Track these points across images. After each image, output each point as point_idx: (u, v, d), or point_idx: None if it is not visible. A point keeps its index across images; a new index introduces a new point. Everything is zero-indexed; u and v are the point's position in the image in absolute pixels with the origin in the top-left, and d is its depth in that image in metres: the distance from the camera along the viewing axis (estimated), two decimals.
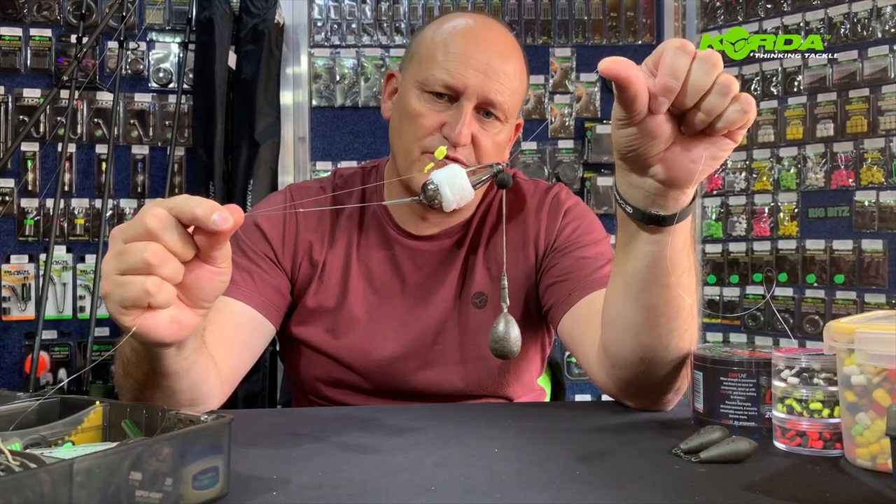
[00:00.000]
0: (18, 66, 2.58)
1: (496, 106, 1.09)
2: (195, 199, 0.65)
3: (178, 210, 0.65)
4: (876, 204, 2.35)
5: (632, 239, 0.83)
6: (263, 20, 2.57)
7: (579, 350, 1.07)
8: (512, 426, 0.90)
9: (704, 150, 0.73)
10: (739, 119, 0.70)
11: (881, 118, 2.34)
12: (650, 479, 0.70)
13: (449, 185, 0.76)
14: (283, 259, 1.16)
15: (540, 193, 1.23)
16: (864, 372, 0.72)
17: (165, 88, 2.66)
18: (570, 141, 2.77)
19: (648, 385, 0.94)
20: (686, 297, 0.85)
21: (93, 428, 0.67)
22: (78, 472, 0.51)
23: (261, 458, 0.76)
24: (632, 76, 0.67)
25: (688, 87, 0.69)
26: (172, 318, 0.68)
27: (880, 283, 2.33)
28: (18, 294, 2.55)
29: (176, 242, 0.65)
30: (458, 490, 0.66)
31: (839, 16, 2.42)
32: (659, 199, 0.78)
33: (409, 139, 1.10)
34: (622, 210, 0.81)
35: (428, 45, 1.12)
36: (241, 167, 2.54)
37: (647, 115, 0.70)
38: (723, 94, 0.69)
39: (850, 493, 0.66)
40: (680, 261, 0.82)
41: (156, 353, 0.75)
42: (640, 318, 0.87)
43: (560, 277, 1.13)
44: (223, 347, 1.01)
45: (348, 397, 1.17)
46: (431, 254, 1.18)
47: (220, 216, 0.64)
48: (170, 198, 0.66)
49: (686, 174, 0.74)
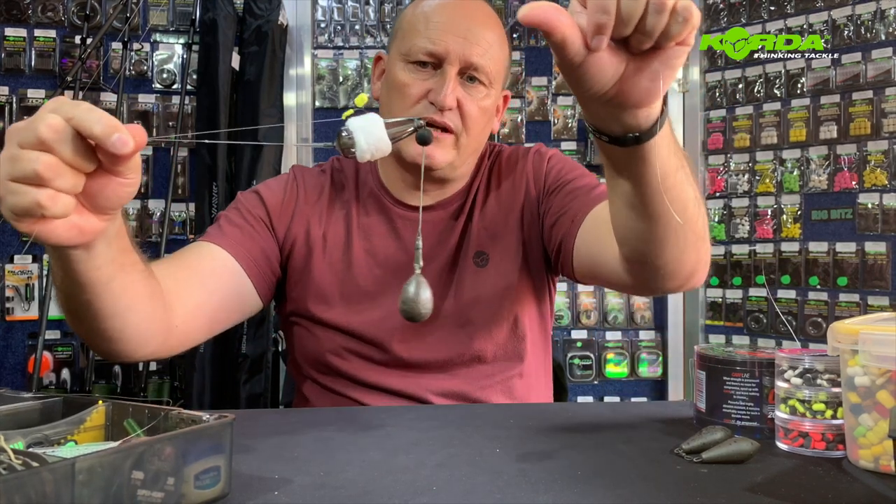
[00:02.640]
0: (23, 67, 2.58)
1: (479, 69, 1.13)
2: (96, 113, 0.62)
3: (77, 122, 0.62)
4: (879, 206, 2.34)
5: (619, 163, 0.80)
6: (267, 21, 2.57)
7: (600, 263, 1.05)
8: (514, 427, 0.90)
9: (659, 65, 0.68)
10: (683, 30, 0.66)
11: (885, 120, 2.33)
12: (652, 479, 0.70)
13: (364, 133, 0.73)
14: (277, 226, 1.19)
15: (521, 153, 1.28)
16: (867, 373, 0.72)
17: (169, 89, 2.67)
18: (573, 143, 2.77)
19: (674, 268, 0.91)
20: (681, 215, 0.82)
21: (95, 427, 0.67)
22: (80, 472, 0.51)
23: (263, 457, 0.76)
24: (554, 21, 0.63)
25: (622, 17, 0.64)
26: (72, 224, 0.67)
27: (883, 286, 2.33)
28: (22, 294, 2.55)
29: (72, 156, 0.62)
30: (461, 490, 0.66)
31: (843, 18, 2.42)
32: (630, 121, 0.74)
33: (398, 110, 1.13)
34: (600, 141, 0.78)
35: (410, 20, 1.17)
36: (244, 168, 2.54)
37: (587, 54, 0.66)
38: (659, 11, 0.64)
39: (853, 495, 0.66)
40: (671, 163, 0.80)
41: (63, 253, 0.73)
42: (649, 226, 0.85)
43: (560, 212, 1.15)
44: (193, 287, 1.02)
45: (360, 369, 1.17)
46: (432, 223, 1.21)
47: (119, 138, 0.61)
48: (73, 102, 0.63)
49: (647, 93, 0.70)
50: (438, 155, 1.13)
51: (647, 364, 2.76)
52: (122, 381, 2.57)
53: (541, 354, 1.28)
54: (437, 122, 1.11)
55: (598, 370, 2.74)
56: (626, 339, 2.76)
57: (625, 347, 2.76)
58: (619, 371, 2.75)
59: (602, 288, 2.73)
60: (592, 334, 2.76)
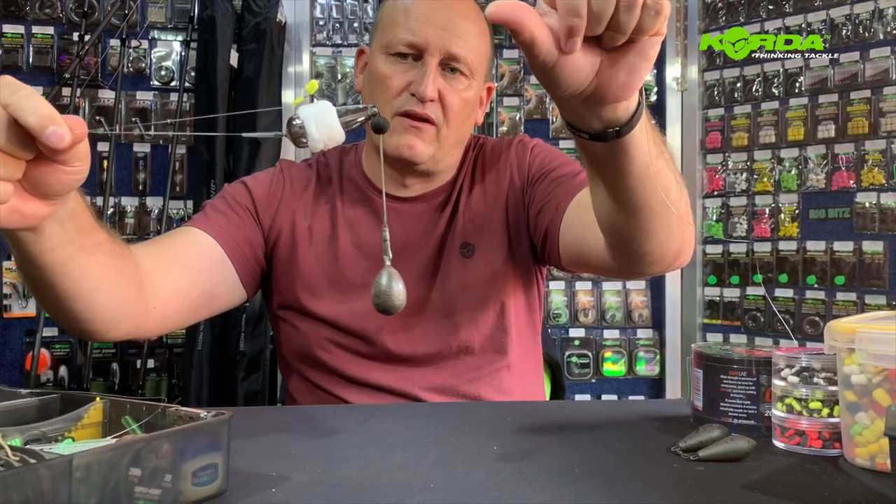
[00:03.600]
0: (21, 64, 2.57)
1: (460, 60, 1.13)
2: (33, 101, 0.59)
3: (13, 110, 0.59)
4: (877, 205, 2.35)
5: (600, 158, 0.79)
6: (265, 19, 2.57)
7: (584, 248, 1.05)
8: (511, 424, 0.90)
9: (635, 58, 0.66)
10: (656, 22, 0.64)
11: (882, 120, 2.33)
12: (649, 477, 0.70)
13: (315, 122, 0.70)
14: (263, 217, 1.19)
15: (505, 144, 1.28)
16: (864, 372, 0.72)
17: (167, 86, 2.66)
18: (571, 141, 2.77)
19: (660, 252, 0.91)
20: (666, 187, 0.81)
21: (93, 424, 0.67)
22: (77, 468, 0.51)
23: (260, 455, 0.76)
24: (522, 19, 0.61)
25: (593, 16, 0.62)
26: (13, 209, 0.65)
27: (881, 285, 2.33)
28: (20, 291, 2.55)
29: (6, 144, 0.60)
30: (457, 488, 0.66)
31: (841, 17, 2.42)
32: (609, 116, 0.72)
33: (380, 102, 1.13)
34: (579, 138, 0.77)
35: (390, 13, 1.17)
36: (242, 165, 2.54)
37: (559, 55, 0.64)
38: (630, 8, 0.62)
39: (849, 493, 0.66)
40: (652, 151, 0.78)
41: (12, 235, 0.72)
42: (634, 216, 0.85)
43: (544, 200, 1.16)
44: (175, 270, 1.02)
45: (346, 363, 1.17)
46: (417, 215, 1.21)
47: (53, 132, 0.58)
48: (13, 86, 0.60)
49: (625, 87, 0.68)
50: (419, 147, 1.13)
51: (644, 362, 2.77)
52: (120, 379, 2.57)
53: (529, 346, 1.28)
54: (419, 113, 1.11)
55: (595, 368, 2.74)
56: (624, 337, 2.77)
57: (622, 346, 2.77)
58: (616, 369, 2.75)
59: (600, 286, 2.74)
60: (590, 332, 2.76)
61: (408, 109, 1.12)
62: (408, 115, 1.12)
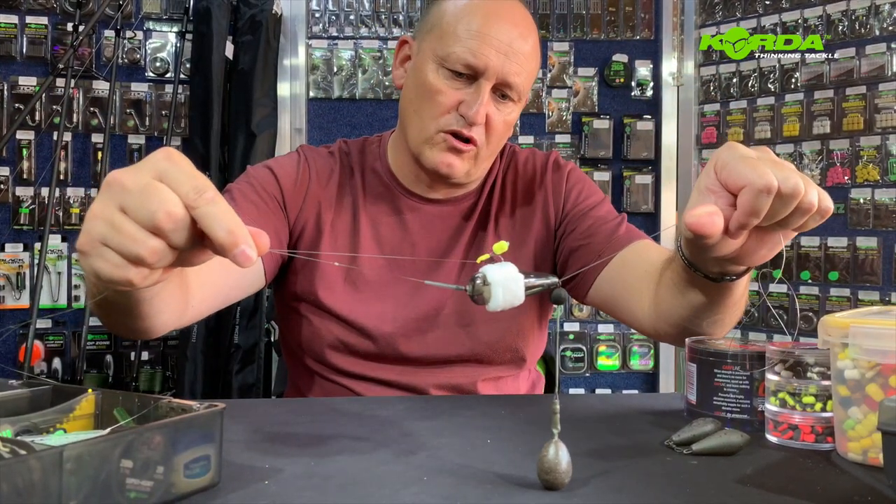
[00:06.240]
0: (14, 54, 2.56)
1: (513, 87, 1.10)
2: (221, 211, 0.55)
3: (199, 218, 0.55)
4: (871, 201, 2.35)
5: (701, 286, 0.87)
6: (261, 10, 2.56)
7: (622, 307, 1.11)
8: (505, 418, 0.90)
9: (779, 238, 0.74)
10: (815, 224, 0.71)
11: (877, 116, 2.34)
12: (642, 470, 0.70)
13: (504, 288, 0.69)
14: (290, 208, 1.16)
15: (539, 161, 1.27)
16: (857, 366, 0.72)
17: (162, 78, 2.65)
18: (567, 135, 2.77)
19: (715, 333, 0.99)
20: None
21: (85, 416, 0.67)
22: (68, 460, 0.51)
23: (253, 447, 0.76)
24: (715, 230, 0.67)
25: (769, 215, 0.67)
26: (143, 276, 0.59)
27: (874, 281, 2.34)
28: (13, 282, 2.54)
29: (181, 244, 0.56)
30: (451, 481, 0.66)
31: (837, 13, 2.42)
32: (732, 270, 0.81)
33: (426, 116, 1.11)
34: (690, 272, 0.85)
35: (449, 20, 1.10)
36: (237, 158, 2.53)
37: (722, 237, 0.70)
38: (803, 213, 0.68)
39: (841, 487, 0.67)
40: (747, 285, 0.89)
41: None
42: (708, 320, 0.94)
43: (584, 240, 1.17)
44: (213, 267, 0.99)
45: (356, 361, 1.16)
46: (441, 220, 1.20)
47: (241, 252, 0.55)
48: (194, 181, 0.55)
49: (762, 258, 0.76)
50: (458, 166, 1.11)
51: (638, 357, 2.77)
52: (114, 371, 2.56)
53: (536, 354, 1.29)
54: (465, 134, 1.09)
55: (589, 362, 2.75)
56: (618, 331, 2.77)
57: (616, 340, 2.77)
58: (610, 364, 2.76)
59: None
60: (584, 327, 2.77)
61: (455, 130, 1.09)
62: (453, 134, 1.10)
